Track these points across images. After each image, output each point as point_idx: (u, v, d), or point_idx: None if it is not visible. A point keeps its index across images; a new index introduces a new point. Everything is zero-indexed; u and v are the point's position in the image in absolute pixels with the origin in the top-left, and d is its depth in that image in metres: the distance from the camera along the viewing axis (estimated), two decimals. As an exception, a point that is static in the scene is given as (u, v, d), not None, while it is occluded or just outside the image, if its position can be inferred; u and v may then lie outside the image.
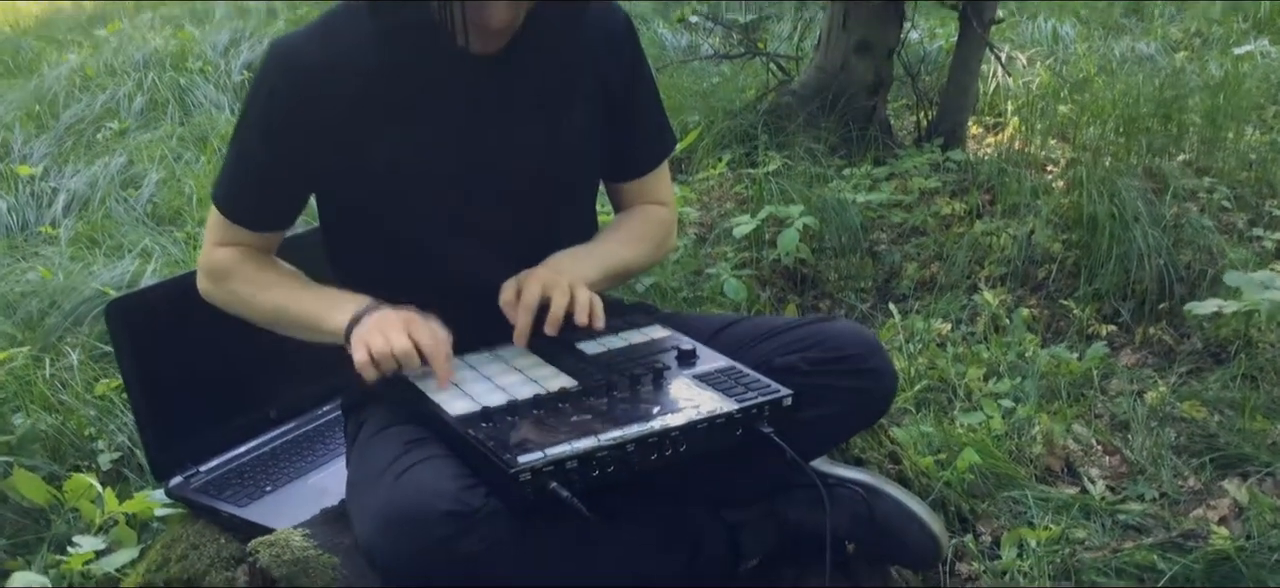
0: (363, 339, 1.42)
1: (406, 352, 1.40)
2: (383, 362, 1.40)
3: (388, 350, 1.40)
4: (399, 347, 1.40)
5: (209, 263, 1.60)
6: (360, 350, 1.41)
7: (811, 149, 3.70)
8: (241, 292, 1.58)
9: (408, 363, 1.41)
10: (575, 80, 1.56)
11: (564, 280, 1.47)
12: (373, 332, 1.42)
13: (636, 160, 1.69)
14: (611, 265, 1.59)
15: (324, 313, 1.50)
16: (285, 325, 1.57)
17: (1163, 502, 2.19)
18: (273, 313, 1.56)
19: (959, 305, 2.97)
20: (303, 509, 1.71)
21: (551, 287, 1.47)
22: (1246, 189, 3.32)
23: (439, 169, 1.51)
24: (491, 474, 1.30)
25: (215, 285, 1.60)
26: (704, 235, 3.37)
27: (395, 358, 1.40)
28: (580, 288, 1.47)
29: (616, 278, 1.63)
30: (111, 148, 4.19)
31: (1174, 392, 2.54)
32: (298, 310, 1.54)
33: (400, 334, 1.41)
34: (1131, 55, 4.80)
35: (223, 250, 1.58)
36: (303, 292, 1.56)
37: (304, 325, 1.54)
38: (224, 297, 1.60)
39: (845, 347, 1.49)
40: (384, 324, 1.43)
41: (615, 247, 1.62)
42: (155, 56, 5.28)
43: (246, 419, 1.97)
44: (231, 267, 1.58)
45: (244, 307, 1.59)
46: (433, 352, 1.42)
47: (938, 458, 2.14)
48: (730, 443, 1.40)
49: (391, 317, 1.44)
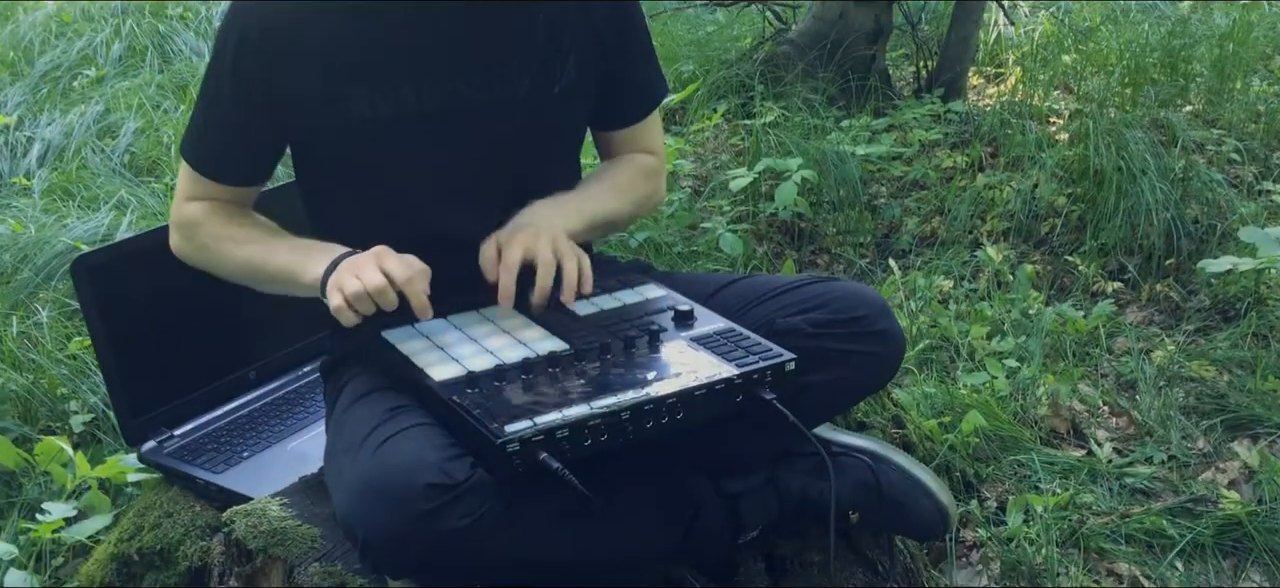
0: (336, 283, 1.34)
1: (380, 287, 1.32)
2: (358, 302, 1.32)
3: (361, 289, 1.32)
4: (372, 282, 1.31)
5: (180, 217, 1.52)
6: (334, 295, 1.33)
7: (809, 100, 3.61)
8: (213, 247, 1.49)
9: (382, 299, 1.32)
10: (563, 24, 1.47)
11: (546, 241, 1.39)
12: (345, 274, 1.34)
13: (626, 109, 1.61)
14: (595, 215, 1.51)
15: (300, 266, 1.42)
16: (260, 281, 1.49)
17: (1171, 464, 2.14)
18: (246, 268, 1.48)
19: (961, 261, 2.90)
20: (282, 476, 1.65)
21: (534, 249, 1.38)
22: (1255, 141, 3.24)
23: (417, 122, 1.42)
24: (477, 444, 1.23)
25: (186, 241, 1.52)
26: (699, 189, 3.28)
27: (370, 296, 1.32)
28: (567, 253, 1.39)
29: (601, 229, 1.55)
30: (88, 96, 4.07)
31: (1182, 351, 2.48)
32: (273, 265, 1.45)
33: (371, 269, 1.33)
34: (1136, 4, 4.69)
35: (193, 204, 1.51)
36: (278, 244, 1.48)
37: (279, 280, 1.45)
38: (195, 253, 1.52)
39: (853, 308, 1.41)
40: (356, 263, 1.35)
41: (600, 195, 1.54)
42: (134, 2, 5.13)
43: (223, 381, 1.90)
44: (202, 220, 1.49)
45: (216, 263, 1.51)
46: (407, 282, 1.33)
47: (941, 421, 2.07)
48: (730, 410, 1.33)
49: (363, 256, 1.37)
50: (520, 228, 1.42)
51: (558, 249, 1.39)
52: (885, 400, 1.91)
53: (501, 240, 1.41)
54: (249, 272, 1.48)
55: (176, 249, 1.54)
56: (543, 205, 1.47)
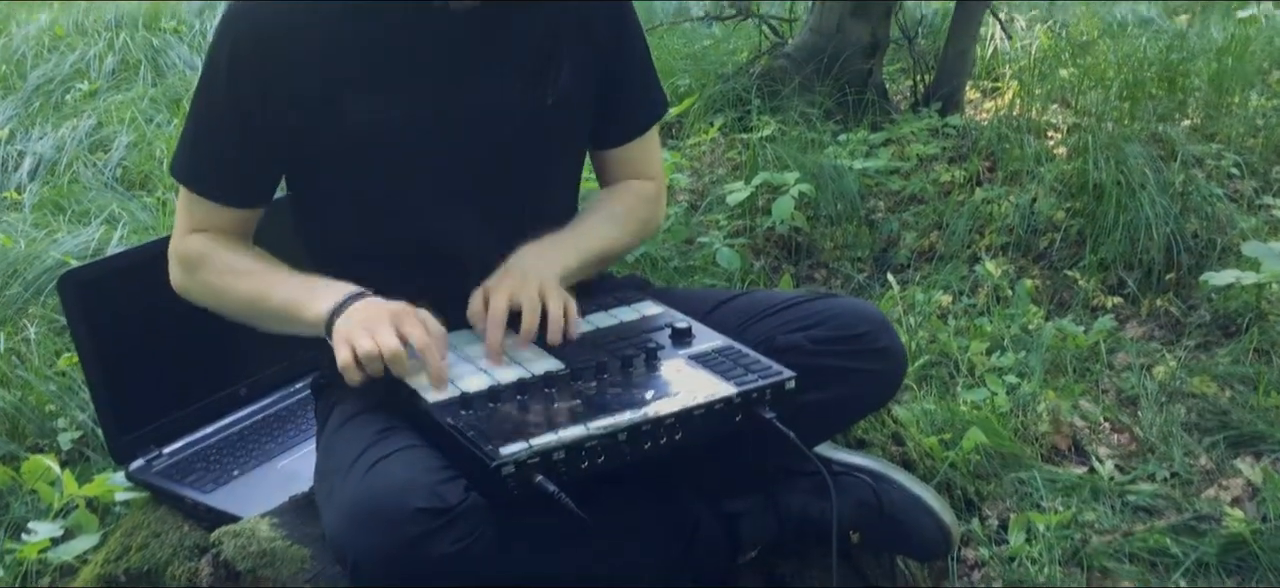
0: (347, 336, 1.29)
1: (396, 354, 1.27)
2: (369, 364, 1.27)
3: (375, 351, 1.26)
4: (388, 347, 1.26)
5: (181, 251, 1.47)
6: (343, 350, 1.28)
7: (806, 114, 3.59)
8: (215, 282, 1.44)
9: (397, 367, 1.28)
10: (561, 35, 1.45)
11: (532, 287, 1.36)
12: (358, 329, 1.28)
13: (624, 124, 1.58)
14: (592, 250, 1.49)
15: (302, 301, 1.36)
16: (262, 317, 1.44)
17: (1174, 482, 2.11)
18: (249, 303, 1.43)
19: (959, 276, 2.87)
20: (272, 496, 1.62)
21: (519, 296, 1.35)
22: (1253, 155, 3.23)
23: (415, 128, 1.40)
24: (471, 467, 1.20)
25: (187, 277, 1.47)
26: (696, 203, 3.26)
27: (382, 360, 1.27)
28: (552, 296, 1.36)
29: (598, 263, 1.52)
30: (80, 110, 4.04)
31: (1183, 366, 2.46)
32: (274, 300, 1.40)
33: (388, 333, 1.27)
34: (1132, 18, 4.68)
35: (196, 237, 1.45)
36: (280, 278, 1.42)
37: (281, 316, 1.40)
38: (198, 289, 1.47)
39: (854, 325, 1.39)
40: (371, 319, 1.29)
41: (596, 228, 1.51)
42: (128, 15, 5.11)
43: (213, 398, 1.87)
44: (205, 254, 1.44)
45: (218, 299, 1.46)
46: (425, 350, 1.29)
47: (942, 438, 2.05)
48: (729, 429, 1.31)
49: (378, 311, 1.31)
50: (507, 274, 1.39)
51: (543, 293, 1.36)
52: (885, 418, 1.89)
53: (489, 289, 1.38)
54: (251, 307, 1.43)
55: (178, 286, 1.48)
56: (533, 248, 1.43)
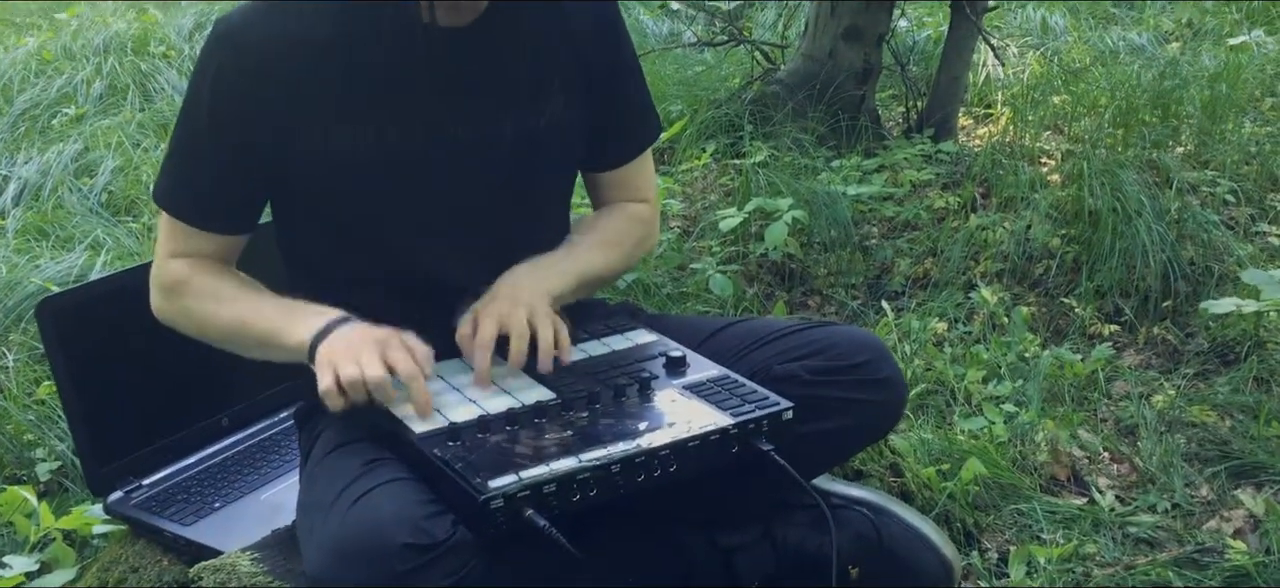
0: (330, 362, 1.26)
1: (379, 382, 1.24)
2: (352, 390, 1.24)
3: (358, 378, 1.23)
4: (372, 375, 1.23)
5: (162, 277, 1.43)
6: (326, 376, 1.25)
7: (799, 139, 3.57)
8: (196, 308, 1.41)
9: (381, 395, 1.24)
10: (553, 59, 1.42)
11: (522, 312, 1.32)
12: (342, 355, 1.25)
13: (617, 148, 1.55)
14: (583, 273, 1.45)
15: (284, 327, 1.33)
16: (245, 344, 1.41)
17: (1175, 513, 2.08)
18: (231, 330, 1.40)
19: (954, 303, 2.85)
20: (254, 529, 1.58)
21: (509, 321, 1.32)
22: (1248, 183, 3.22)
23: (402, 153, 1.36)
24: (459, 500, 1.16)
25: (169, 303, 1.43)
26: (688, 229, 3.23)
27: (366, 387, 1.24)
28: (541, 321, 1.33)
29: (590, 286, 1.49)
30: (67, 134, 4.00)
31: (1182, 395, 2.43)
32: (257, 326, 1.37)
33: (373, 360, 1.24)
34: (1124, 46, 4.69)
35: (177, 262, 1.42)
36: (263, 303, 1.40)
37: (264, 342, 1.37)
38: (179, 316, 1.43)
39: (853, 354, 1.36)
40: (355, 346, 1.26)
41: (588, 251, 1.48)
42: (116, 40, 5.07)
43: (195, 428, 1.82)
44: (185, 279, 1.41)
45: (200, 325, 1.42)
46: (410, 378, 1.25)
47: (940, 468, 2.01)
48: (725, 461, 1.27)
49: (363, 336, 1.28)
50: (495, 298, 1.35)
51: (533, 318, 1.32)
52: (883, 448, 1.85)
53: (477, 314, 1.34)
54: (234, 334, 1.40)
55: (159, 312, 1.45)
56: (523, 269, 1.40)
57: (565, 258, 1.45)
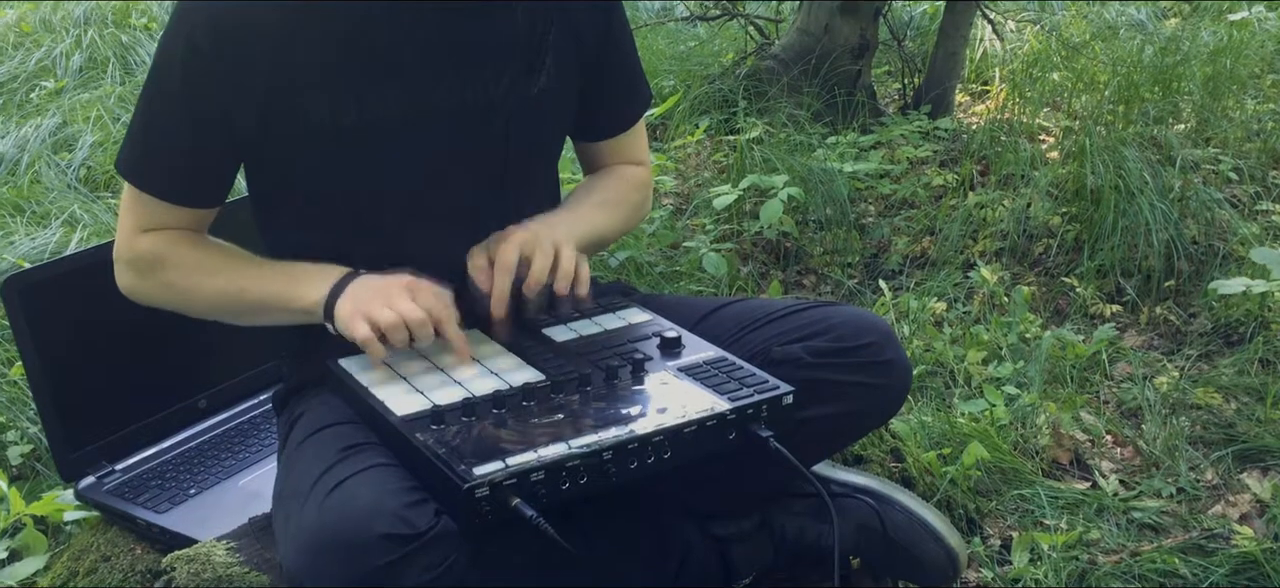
0: (362, 311, 1.21)
1: (421, 320, 1.21)
2: (394, 333, 1.21)
3: (397, 319, 1.20)
4: (413, 315, 1.21)
5: (132, 253, 1.36)
6: (360, 326, 1.20)
7: (794, 116, 3.50)
8: (181, 282, 1.34)
9: (421, 333, 1.22)
10: (542, 25, 1.35)
11: (547, 239, 1.27)
12: (373, 301, 1.22)
13: (611, 118, 1.49)
14: (588, 232, 1.40)
15: (293, 290, 1.29)
16: (239, 313, 1.35)
17: (1180, 498, 2.03)
18: (224, 300, 1.34)
19: (953, 283, 2.79)
20: (230, 517, 1.53)
21: (530, 247, 1.26)
22: (1249, 160, 3.16)
23: (385, 124, 1.30)
24: (442, 488, 1.10)
25: (143, 279, 1.36)
26: (681, 207, 3.16)
27: (407, 328, 1.21)
28: (565, 247, 1.27)
29: (593, 246, 1.43)
30: (45, 108, 3.91)
31: (1186, 377, 2.38)
32: (257, 292, 1.31)
33: (407, 301, 1.22)
34: (1122, 21, 4.62)
35: (148, 237, 1.35)
36: (258, 270, 1.34)
37: (267, 308, 1.32)
38: (157, 291, 1.37)
39: (856, 335, 1.30)
40: (383, 292, 1.23)
41: (590, 211, 1.43)
42: (97, 12, 4.97)
43: (170, 411, 1.76)
44: (164, 254, 1.34)
45: (184, 299, 1.36)
46: (444, 319, 1.23)
47: (941, 453, 1.96)
48: (722, 448, 1.21)
49: (388, 282, 1.25)
50: (514, 230, 1.30)
51: (557, 245, 1.27)
52: (883, 432, 1.80)
53: (491, 244, 1.28)
54: (226, 303, 1.34)
55: (128, 289, 1.38)
56: (536, 219, 1.35)
57: (570, 214, 1.40)
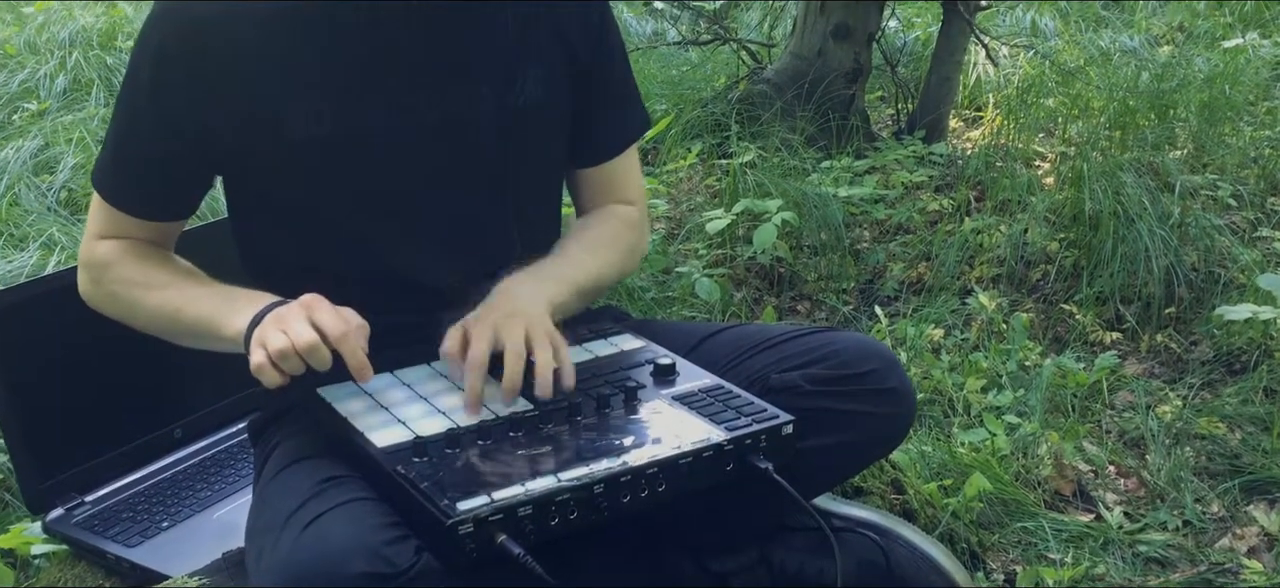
0: (259, 339, 1.15)
1: (310, 344, 1.12)
2: (283, 360, 1.12)
3: (288, 345, 1.12)
4: (302, 339, 1.12)
5: (89, 257, 1.32)
6: (256, 352, 1.13)
7: (787, 140, 3.46)
8: (123, 294, 1.30)
9: (314, 358, 1.13)
10: (532, 33, 1.30)
11: (518, 329, 1.18)
12: (269, 327, 1.15)
13: (602, 139, 1.43)
14: (581, 281, 1.32)
15: (221, 316, 1.22)
16: (176, 333, 1.29)
17: (1186, 530, 1.98)
18: (162, 318, 1.28)
19: (950, 309, 2.74)
20: (204, 551, 1.46)
21: (504, 335, 1.18)
22: (1247, 187, 3.13)
23: (366, 139, 1.24)
24: (424, 524, 1.04)
25: (95, 285, 1.33)
26: (674, 232, 3.11)
27: (298, 354, 1.12)
28: (539, 340, 1.18)
29: (587, 295, 1.36)
30: (27, 130, 3.84)
31: (1189, 406, 2.33)
32: (190, 314, 1.26)
33: (300, 323, 1.13)
34: (1115, 48, 4.61)
35: (105, 243, 1.31)
36: (198, 291, 1.28)
37: (198, 332, 1.26)
38: (104, 299, 1.32)
39: (859, 362, 1.24)
40: (282, 316, 1.16)
41: (584, 255, 1.35)
42: (83, 33, 4.91)
43: (144, 440, 1.69)
44: (113, 263, 1.30)
45: (128, 311, 1.31)
46: (341, 338, 1.13)
47: (942, 484, 1.90)
48: (719, 480, 1.15)
49: (291, 306, 1.17)
50: (490, 310, 1.22)
51: (531, 336, 1.18)
52: (883, 462, 1.74)
53: (468, 327, 1.21)
54: (164, 323, 1.29)
55: (85, 294, 1.34)
56: (517, 279, 1.27)
57: (562, 263, 1.33)
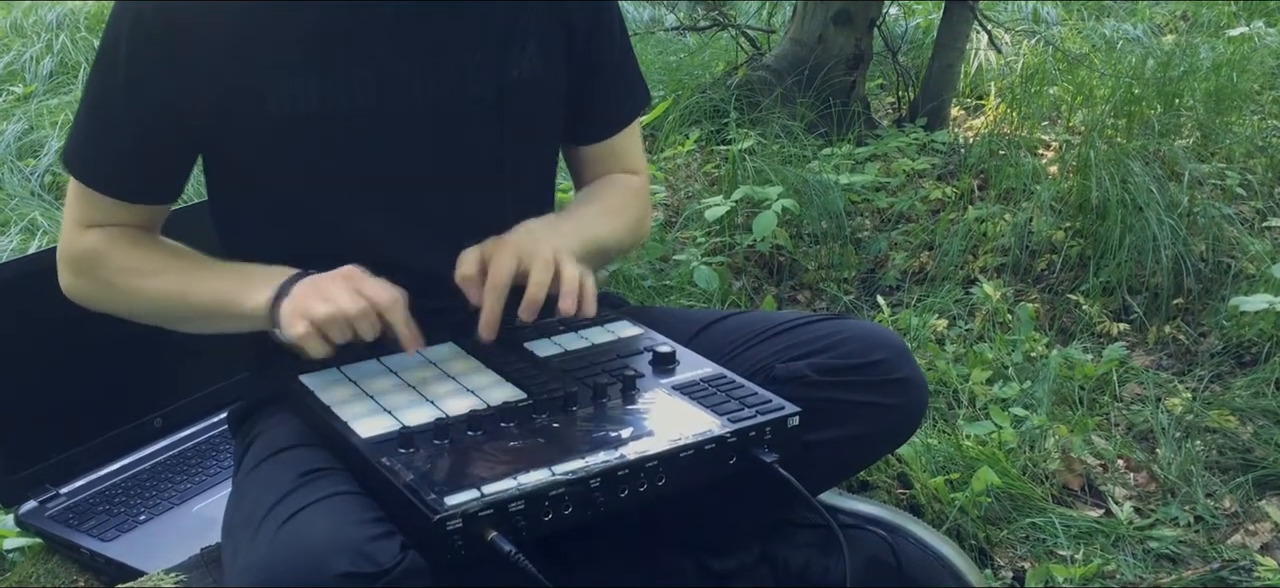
0: (299, 309, 1.10)
1: (362, 310, 1.09)
2: (330, 327, 1.09)
3: (336, 313, 1.08)
4: (353, 306, 1.09)
5: (73, 251, 1.25)
6: (298, 323, 1.09)
7: (787, 126, 3.41)
8: (121, 283, 1.23)
9: (363, 326, 1.10)
10: (528, 9, 1.23)
11: (546, 249, 1.14)
12: (310, 298, 1.11)
13: (605, 117, 1.38)
14: (591, 240, 1.26)
15: (237, 292, 1.17)
16: (182, 318, 1.24)
17: (1198, 526, 1.93)
18: (167, 304, 1.23)
19: (954, 299, 2.69)
20: (182, 546, 1.40)
21: (529, 257, 1.13)
22: (1255, 176, 3.08)
23: (352, 117, 1.18)
24: (410, 520, 0.98)
25: (82, 279, 1.25)
26: (672, 219, 3.06)
27: (349, 321, 1.09)
28: (567, 261, 1.14)
29: (597, 257, 1.30)
30: (11, 113, 3.78)
31: (1198, 399, 2.28)
32: (201, 295, 1.20)
33: (346, 292, 1.10)
34: (1118, 36, 4.56)
35: (91, 234, 1.24)
36: (204, 272, 1.23)
37: (211, 313, 1.21)
38: (97, 292, 1.26)
39: (867, 351, 1.18)
40: (322, 286, 1.12)
41: (593, 219, 1.30)
42: (70, 16, 4.85)
43: (121, 430, 1.63)
44: (104, 253, 1.23)
45: (126, 301, 1.25)
46: (391, 307, 1.11)
47: (948, 478, 1.85)
48: (721, 473, 1.10)
49: (329, 277, 1.13)
50: (510, 237, 1.18)
51: (558, 256, 1.14)
52: (889, 456, 1.68)
53: (487, 251, 1.16)
54: (169, 307, 1.23)
55: (69, 289, 1.27)
56: (535, 221, 1.22)
57: (572, 220, 1.27)
